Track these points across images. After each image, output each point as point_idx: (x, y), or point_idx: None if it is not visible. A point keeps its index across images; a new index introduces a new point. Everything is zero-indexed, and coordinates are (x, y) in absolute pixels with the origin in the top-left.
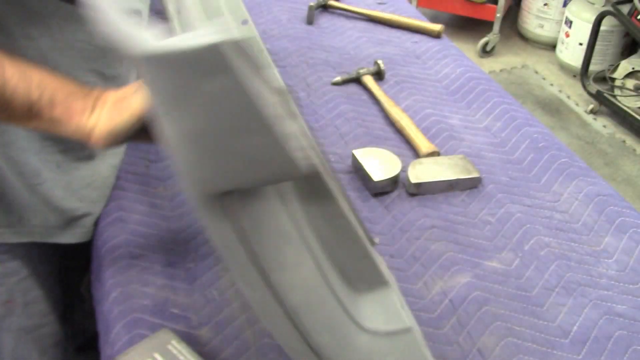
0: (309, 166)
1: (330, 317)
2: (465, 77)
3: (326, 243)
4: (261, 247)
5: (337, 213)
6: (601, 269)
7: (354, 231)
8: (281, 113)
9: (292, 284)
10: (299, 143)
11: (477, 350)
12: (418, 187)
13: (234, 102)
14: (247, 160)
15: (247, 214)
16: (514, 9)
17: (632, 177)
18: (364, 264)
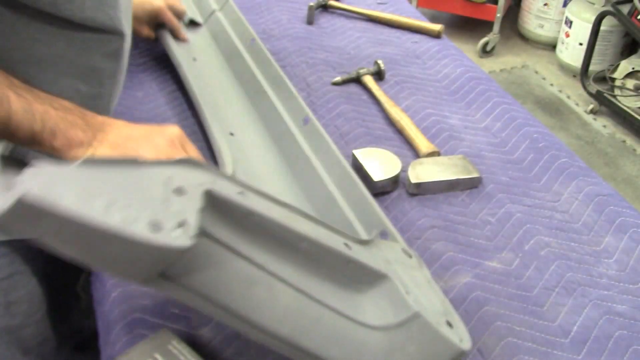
0: (191, 240)
1: (331, 330)
2: (465, 77)
3: (302, 265)
4: (228, 298)
5: (296, 238)
6: (601, 269)
7: (324, 246)
8: (132, 214)
9: (276, 318)
10: (173, 223)
11: (477, 350)
12: (418, 187)
13: (71, 230)
14: (127, 261)
15: (197, 277)
16: (514, 9)
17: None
18: (352, 267)
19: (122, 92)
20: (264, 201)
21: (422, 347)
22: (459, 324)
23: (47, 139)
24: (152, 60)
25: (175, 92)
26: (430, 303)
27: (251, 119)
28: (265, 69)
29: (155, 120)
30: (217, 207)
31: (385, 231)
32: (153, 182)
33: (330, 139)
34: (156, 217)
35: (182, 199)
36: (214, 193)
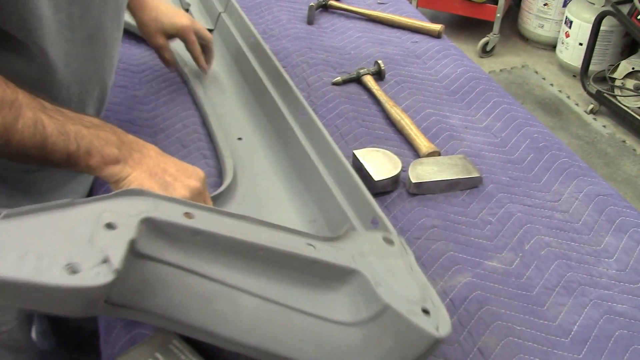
0: (112, 275)
1: (304, 333)
2: (465, 77)
3: (263, 273)
4: (190, 316)
5: (250, 249)
6: (601, 269)
7: (282, 252)
8: (46, 261)
9: (242, 329)
10: (96, 260)
11: (477, 349)
12: (418, 187)
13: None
14: (54, 303)
15: (152, 300)
16: (514, 9)
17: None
18: (317, 267)
19: (122, 92)
20: (213, 217)
21: (397, 338)
22: (439, 309)
23: (83, 158)
24: (152, 61)
25: (176, 92)
26: (407, 291)
27: (258, 120)
28: (265, 65)
29: (155, 120)
30: (160, 231)
31: (375, 219)
32: (82, 221)
33: (325, 130)
34: (75, 259)
35: (111, 233)
36: (154, 219)
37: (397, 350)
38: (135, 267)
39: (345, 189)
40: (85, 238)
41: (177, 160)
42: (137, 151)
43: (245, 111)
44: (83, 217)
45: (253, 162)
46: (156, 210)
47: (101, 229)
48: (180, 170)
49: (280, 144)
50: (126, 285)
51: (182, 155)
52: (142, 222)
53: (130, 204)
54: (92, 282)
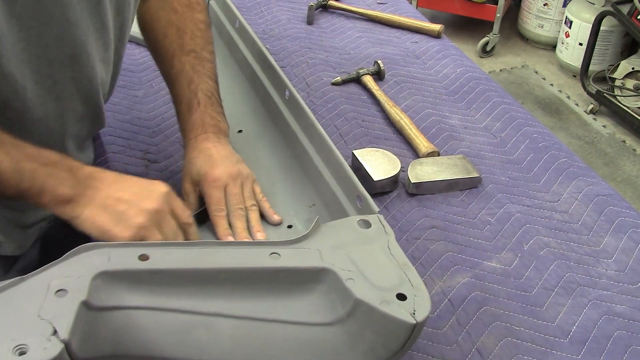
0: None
1: (287, 341)
2: (465, 77)
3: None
4: (169, 350)
5: (211, 274)
6: (601, 269)
7: (243, 270)
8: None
9: (224, 351)
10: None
11: (476, 350)
12: (418, 187)
13: None
14: None
15: (127, 345)
16: (514, 9)
17: (632, 177)
18: (284, 275)
19: (122, 92)
20: (169, 252)
21: (376, 330)
22: (417, 290)
23: (35, 196)
24: (152, 60)
25: None
26: (383, 277)
27: (256, 110)
28: (251, 48)
29: (155, 120)
30: (118, 280)
31: (359, 196)
32: (31, 296)
33: (308, 109)
34: (23, 340)
35: (61, 300)
36: (109, 271)
37: (379, 342)
38: (101, 321)
39: (332, 170)
40: (34, 313)
41: (137, 180)
42: (90, 187)
43: (244, 103)
44: (32, 291)
45: (254, 153)
46: (110, 261)
47: (51, 299)
48: (136, 194)
49: (277, 131)
50: (97, 339)
51: (181, 155)
52: (96, 278)
53: (81, 263)
54: (42, 358)
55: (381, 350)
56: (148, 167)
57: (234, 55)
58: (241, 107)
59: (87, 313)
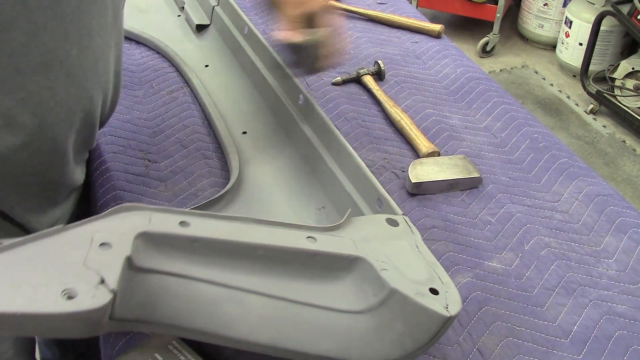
0: (109, 295)
1: (314, 326)
2: (465, 77)
3: (266, 271)
4: (199, 322)
5: (249, 249)
6: (601, 269)
7: (281, 249)
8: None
9: (252, 328)
10: (92, 283)
11: (477, 350)
12: (418, 187)
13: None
14: (55, 330)
15: (159, 311)
16: (514, 9)
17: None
18: (320, 259)
19: (122, 92)
20: (209, 222)
21: (407, 321)
22: (447, 286)
23: None
24: (152, 60)
25: (175, 92)
26: (414, 272)
27: (262, 113)
28: (262, 55)
29: (155, 120)
30: (158, 243)
31: (380, 199)
32: (76, 244)
33: (324, 114)
34: (71, 285)
35: (106, 253)
36: (150, 233)
37: (409, 333)
38: (137, 282)
39: (349, 172)
40: (79, 261)
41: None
42: None
43: (248, 104)
44: (76, 241)
45: (259, 154)
46: (151, 224)
47: (95, 250)
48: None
49: (284, 134)
50: (131, 300)
51: (182, 155)
52: (138, 238)
53: (123, 221)
54: (90, 306)
55: (408, 342)
56: (148, 167)
57: (240, 60)
58: (246, 109)
59: (128, 270)
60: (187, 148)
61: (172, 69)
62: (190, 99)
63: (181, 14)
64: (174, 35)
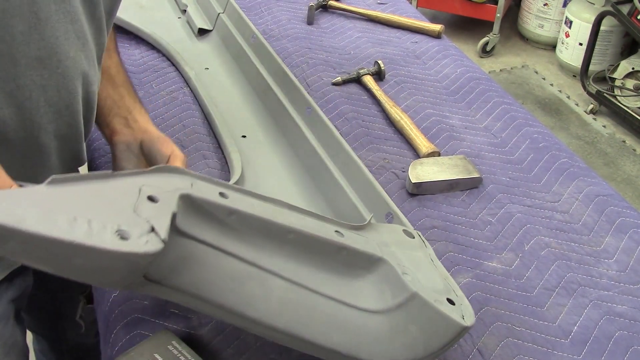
0: (161, 244)
1: (330, 318)
2: (465, 77)
3: (293, 257)
4: (220, 296)
5: (282, 231)
6: (601, 269)
7: (312, 236)
8: (97, 225)
9: (271, 311)
10: (143, 229)
11: (477, 350)
12: (418, 187)
13: (38, 247)
14: (101, 270)
15: (185, 278)
16: (514, 9)
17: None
18: (345, 254)
19: None
20: (246, 199)
21: (423, 326)
22: (462, 300)
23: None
24: (152, 61)
25: (175, 92)
26: (431, 282)
27: (262, 118)
28: (268, 64)
29: (154, 121)
30: (197, 208)
31: (390, 213)
32: (125, 192)
33: (332, 126)
34: (124, 226)
35: (154, 205)
36: (191, 196)
37: (422, 338)
38: (172, 244)
39: (356, 184)
40: (129, 208)
41: None
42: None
43: (248, 109)
44: (125, 188)
45: (259, 159)
46: (193, 188)
47: (144, 201)
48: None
49: (286, 141)
50: (163, 260)
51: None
52: (181, 198)
53: (167, 180)
54: (143, 249)
55: (420, 348)
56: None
57: (242, 66)
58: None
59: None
60: (187, 148)
61: (172, 69)
62: (190, 99)
63: (182, 16)
64: (174, 35)
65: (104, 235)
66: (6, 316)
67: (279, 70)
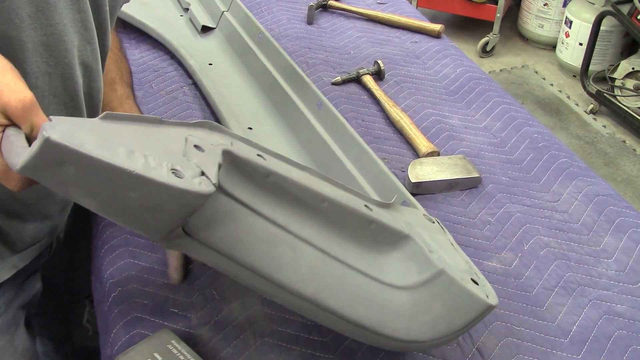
0: (213, 187)
1: (356, 291)
2: (465, 77)
3: (325, 226)
4: (251, 257)
5: (316, 199)
6: (601, 269)
7: (344, 207)
8: (153, 161)
9: (300, 277)
10: (194, 172)
11: (476, 349)
12: (418, 187)
13: (95, 173)
14: (151, 208)
15: (218, 234)
16: (514, 9)
17: (632, 177)
18: (373, 228)
19: None
20: (283, 164)
21: (448, 303)
22: (484, 282)
23: None
24: (152, 60)
25: (175, 92)
26: (455, 262)
27: (268, 112)
28: (276, 60)
29: None
30: (236, 166)
31: (406, 202)
32: (173, 138)
33: (344, 120)
34: (177, 166)
35: (201, 154)
36: (232, 153)
37: (446, 315)
38: (212, 198)
39: (370, 175)
40: (179, 152)
41: None
42: None
43: (254, 103)
44: (173, 136)
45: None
46: (233, 146)
47: (191, 149)
48: None
49: (293, 134)
50: (201, 213)
51: None
52: (223, 154)
53: (210, 134)
54: (197, 189)
55: (443, 325)
56: None
57: (246, 62)
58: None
59: None
60: None
61: (172, 68)
62: (190, 98)
63: (184, 14)
64: (176, 32)
65: (160, 170)
66: (16, 323)
67: (287, 67)
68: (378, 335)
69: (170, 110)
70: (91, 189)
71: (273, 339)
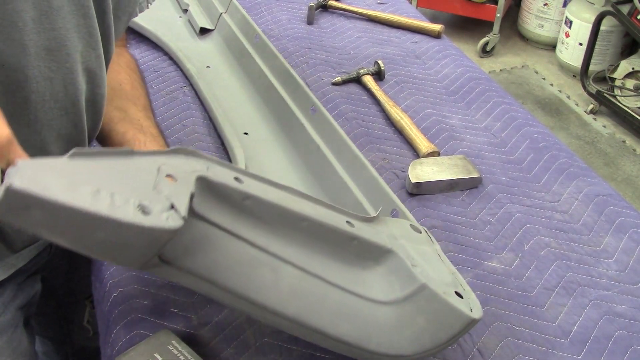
0: (181, 221)
1: (339, 308)
2: (465, 77)
3: (305, 245)
4: (232, 281)
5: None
6: (601, 269)
7: (325, 225)
8: (120, 199)
9: (281, 298)
10: (163, 206)
11: (477, 350)
12: (418, 187)
13: (60, 217)
14: (120, 245)
15: (197, 260)
16: (514, 9)
17: (632, 177)
18: (355, 245)
19: None
20: (261, 185)
21: (431, 317)
22: (469, 294)
23: None
24: (151, 61)
25: (175, 92)
26: (439, 275)
27: (264, 116)
28: (272, 63)
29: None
30: (213, 191)
31: (395, 210)
32: (144, 170)
33: (337, 125)
34: (145, 201)
35: (173, 184)
36: (208, 178)
37: (429, 330)
38: (187, 226)
39: (361, 182)
40: (149, 185)
41: None
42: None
43: (250, 107)
44: (144, 166)
45: (261, 156)
46: (209, 171)
47: (163, 180)
48: None
49: (288, 139)
50: (178, 241)
51: None
52: (198, 180)
53: (184, 161)
54: (165, 225)
55: (426, 339)
56: None
57: (244, 65)
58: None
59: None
60: None
61: (172, 69)
62: (190, 99)
63: (183, 15)
64: (175, 34)
65: (126, 208)
66: (15, 323)
67: (283, 70)
68: (362, 351)
69: (170, 111)
70: (59, 230)
71: (273, 340)
